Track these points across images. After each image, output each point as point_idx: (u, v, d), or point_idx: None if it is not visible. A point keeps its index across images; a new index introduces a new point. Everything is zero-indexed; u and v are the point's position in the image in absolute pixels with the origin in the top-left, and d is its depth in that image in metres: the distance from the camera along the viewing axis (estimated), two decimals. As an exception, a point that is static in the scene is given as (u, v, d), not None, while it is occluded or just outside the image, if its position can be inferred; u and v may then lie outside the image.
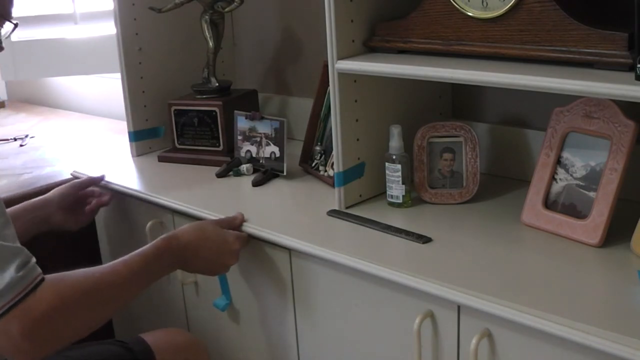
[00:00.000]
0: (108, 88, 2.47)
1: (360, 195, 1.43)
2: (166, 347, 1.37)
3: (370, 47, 1.35)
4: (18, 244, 1.07)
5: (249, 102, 1.82)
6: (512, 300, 1.02)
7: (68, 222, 1.58)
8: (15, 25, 1.21)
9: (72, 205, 1.60)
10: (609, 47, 1.05)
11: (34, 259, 1.07)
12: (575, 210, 1.22)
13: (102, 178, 1.67)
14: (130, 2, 1.78)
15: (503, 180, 1.50)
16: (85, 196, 1.64)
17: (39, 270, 1.07)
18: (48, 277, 1.09)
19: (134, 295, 1.22)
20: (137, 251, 1.24)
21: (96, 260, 1.81)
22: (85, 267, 1.51)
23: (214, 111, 1.74)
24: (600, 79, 1.02)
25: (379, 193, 1.45)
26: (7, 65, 2.40)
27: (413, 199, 1.40)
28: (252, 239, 1.37)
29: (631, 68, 1.02)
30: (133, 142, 1.87)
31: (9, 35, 1.23)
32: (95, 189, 1.67)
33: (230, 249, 1.33)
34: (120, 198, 1.67)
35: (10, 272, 1.02)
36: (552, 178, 1.26)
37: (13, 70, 2.41)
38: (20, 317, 1.02)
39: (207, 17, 1.76)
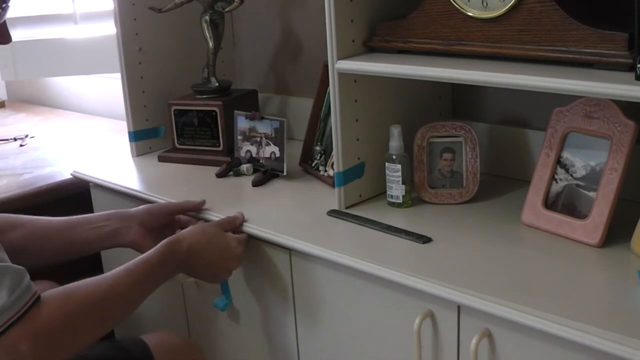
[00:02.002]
0: (108, 88, 2.47)
1: (360, 195, 1.43)
2: (164, 348, 1.37)
3: (370, 47, 1.35)
4: (8, 263, 1.04)
5: (249, 102, 1.82)
6: (512, 300, 1.02)
7: (145, 243, 1.36)
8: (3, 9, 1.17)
9: (155, 226, 1.41)
10: (609, 47, 1.05)
11: (27, 278, 1.04)
12: (575, 210, 1.22)
13: (201, 204, 1.46)
14: (130, 2, 1.78)
15: (503, 180, 1.50)
16: (175, 223, 1.45)
17: (34, 289, 1.04)
18: (55, 292, 1.07)
19: (140, 303, 1.21)
20: (140, 258, 1.21)
21: (96, 259, 1.81)
22: (86, 267, 1.50)
23: (214, 111, 1.74)
24: (600, 79, 1.02)
25: (379, 193, 1.45)
26: (7, 65, 2.40)
27: (413, 199, 1.40)
28: (252, 239, 1.37)
29: (631, 68, 1.01)
30: (133, 142, 1.87)
31: None
32: (190, 219, 1.47)
33: (232, 252, 1.31)
34: (120, 198, 1.67)
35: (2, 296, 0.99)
36: (552, 178, 1.26)
37: (13, 70, 2.41)
38: (30, 337, 1.00)
39: (207, 17, 1.76)
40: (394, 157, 1.38)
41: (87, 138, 2.25)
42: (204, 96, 1.78)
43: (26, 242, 1.35)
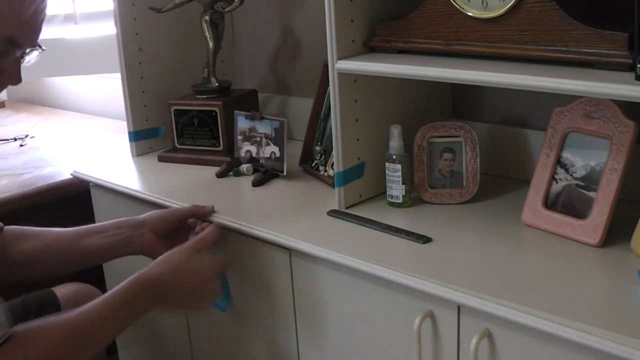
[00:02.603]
0: (108, 88, 2.47)
1: (360, 195, 1.43)
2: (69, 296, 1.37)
3: (370, 47, 1.34)
4: None
5: (249, 102, 1.82)
6: (512, 300, 1.02)
7: (157, 249, 1.35)
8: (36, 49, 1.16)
9: (166, 232, 1.40)
10: (609, 47, 1.05)
11: (2, 317, 1.04)
12: (575, 210, 1.22)
13: (210, 210, 1.42)
14: (130, 2, 1.78)
15: (503, 180, 1.50)
16: (185, 227, 1.43)
17: (6, 328, 1.03)
18: (25, 330, 1.06)
19: (109, 341, 1.18)
20: (110, 293, 1.17)
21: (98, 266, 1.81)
22: (86, 271, 1.50)
23: (214, 111, 1.74)
24: (600, 79, 1.02)
25: (379, 193, 1.45)
26: (7, 65, 2.40)
27: (413, 199, 1.40)
28: (252, 239, 1.37)
29: (631, 68, 1.01)
30: (133, 142, 1.87)
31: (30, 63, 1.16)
32: (196, 221, 1.43)
33: (207, 273, 1.26)
34: (120, 198, 1.67)
35: None
36: (552, 178, 1.26)
37: (13, 70, 2.41)
38: None
39: (207, 17, 1.76)
40: (394, 157, 1.38)
41: (87, 138, 2.25)
42: (204, 96, 1.78)
43: (37, 252, 1.35)
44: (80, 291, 1.53)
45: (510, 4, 1.14)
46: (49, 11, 1.18)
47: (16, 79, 1.14)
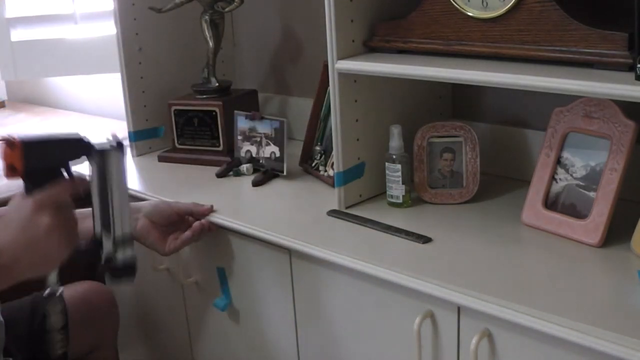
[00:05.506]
0: (108, 88, 2.47)
1: (360, 195, 1.43)
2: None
3: (370, 47, 1.34)
4: None
5: (249, 102, 1.82)
6: (512, 300, 1.02)
7: (150, 235, 1.38)
8: None
9: (162, 222, 1.40)
10: (609, 47, 1.05)
11: None
12: (575, 210, 1.22)
13: (208, 210, 1.44)
14: (130, 2, 1.78)
15: (503, 180, 1.50)
16: (185, 223, 1.43)
17: None
18: None
19: None
20: None
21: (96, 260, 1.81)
22: (86, 265, 1.49)
23: (214, 111, 1.74)
24: (600, 79, 1.02)
25: (379, 193, 1.45)
26: (7, 65, 2.40)
27: (413, 199, 1.40)
28: (252, 239, 1.37)
29: (631, 68, 1.01)
30: (133, 142, 1.87)
31: None
32: (193, 220, 1.43)
33: (38, 222, 1.06)
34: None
35: None
36: (552, 178, 1.26)
37: (13, 70, 2.41)
38: None
39: (207, 17, 1.76)
40: (394, 157, 1.38)
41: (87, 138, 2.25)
42: (204, 96, 1.78)
43: None
44: (92, 289, 1.54)
45: (510, 4, 1.14)
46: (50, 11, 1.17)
47: None
